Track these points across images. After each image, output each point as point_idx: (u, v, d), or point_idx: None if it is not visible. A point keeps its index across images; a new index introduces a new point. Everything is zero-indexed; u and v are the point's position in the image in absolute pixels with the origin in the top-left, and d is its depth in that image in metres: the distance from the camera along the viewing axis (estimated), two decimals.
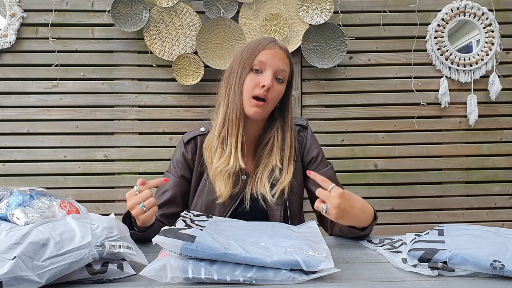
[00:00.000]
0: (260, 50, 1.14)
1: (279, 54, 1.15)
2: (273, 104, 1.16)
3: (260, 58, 1.13)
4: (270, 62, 1.13)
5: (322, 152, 1.27)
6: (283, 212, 1.18)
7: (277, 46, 1.16)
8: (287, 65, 1.16)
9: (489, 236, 0.88)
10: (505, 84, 2.19)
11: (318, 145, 1.27)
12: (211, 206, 1.17)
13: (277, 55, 1.14)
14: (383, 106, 2.21)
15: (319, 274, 0.75)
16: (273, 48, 1.15)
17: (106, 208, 2.15)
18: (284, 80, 1.16)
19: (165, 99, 2.17)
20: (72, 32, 2.15)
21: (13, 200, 0.86)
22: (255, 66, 1.14)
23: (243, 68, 1.15)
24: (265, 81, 1.11)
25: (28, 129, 2.15)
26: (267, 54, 1.14)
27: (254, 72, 1.14)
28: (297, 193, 1.22)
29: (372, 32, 2.20)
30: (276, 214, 1.17)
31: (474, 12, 2.17)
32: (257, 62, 1.13)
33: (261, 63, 1.13)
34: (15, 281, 0.67)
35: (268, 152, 1.19)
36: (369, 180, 2.21)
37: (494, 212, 2.24)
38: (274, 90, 1.14)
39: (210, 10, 2.11)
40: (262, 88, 1.11)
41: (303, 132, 1.27)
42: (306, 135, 1.26)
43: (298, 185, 1.22)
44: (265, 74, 1.13)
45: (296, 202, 1.22)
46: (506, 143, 2.23)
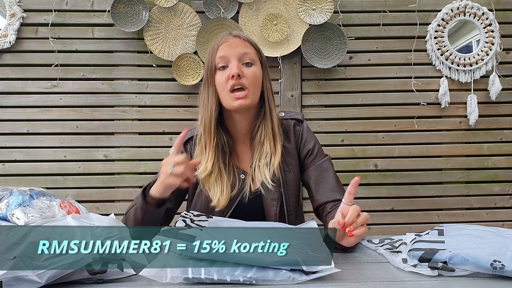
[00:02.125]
0: (217, 48, 1.15)
1: (235, 41, 1.15)
2: (254, 89, 1.15)
3: (219, 54, 1.14)
4: (230, 53, 1.13)
5: (318, 144, 1.26)
6: (279, 207, 1.17)
7: (231, 36, 1.16)
8: (249, 47, 1.16)
9: (489, 236, 0.88)
10: (505, 84, 2.19)
11: (314, 137, 1.27)
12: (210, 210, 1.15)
13: (233, 43, 1.15)
14: (383, 106, 2.21)
15: (319, 274, 0.75)
16: (228, 40, 1.15)
17: (106, 208, 2.15)
18: (253, 63, 1.15)
19: (165, 99, 2.17)
20: (72, 32, 2.15)
21: (13, 200, 0.86)
22: (219, 64, 1.14)
23: (209, 71, 1.15)
24: (232, 70, 1.11)
25: (28, 129, 2.15)
26: (224, 47, 1.14)
27: (221, 70, 1.14)
28: (292, 186, 1.21)
29: (372, 32, 2.20)
30: (272, 210, 1.17)
31: (474, 12, 2.17)
32: (218, 60, 1.14)
33: (223, 58, 1.14)
34: (15, 281, 0.67)
35: (259, 139, 1.18)
36: (369, 180, 2.21)
37: (494, 212, 2.24)
38: (247, 75, 1.13)
39: (210, 10, 2.11)
40: (232, 78, 1.11)
41: (299, 126, 1.26)
42: (301, 129, 1.25)
43: (294, 178, 1.21)
44: (230, 66, 1.13)
45: (292, 196, 1.21)
46: (506, 143, 2.23)
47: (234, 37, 1.16)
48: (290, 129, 1.24)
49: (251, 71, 1.14)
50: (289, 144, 1.23)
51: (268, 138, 1.17)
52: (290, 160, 1.21)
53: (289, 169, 1.20)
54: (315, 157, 1.23)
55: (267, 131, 1.17)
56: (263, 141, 1.17)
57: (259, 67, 1.17)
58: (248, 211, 1.15)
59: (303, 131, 1.25)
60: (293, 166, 1.22)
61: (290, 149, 1.22)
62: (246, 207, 1.16)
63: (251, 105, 1.15)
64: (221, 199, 1.13)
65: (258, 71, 1.16)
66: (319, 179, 1.21)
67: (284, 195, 1.18)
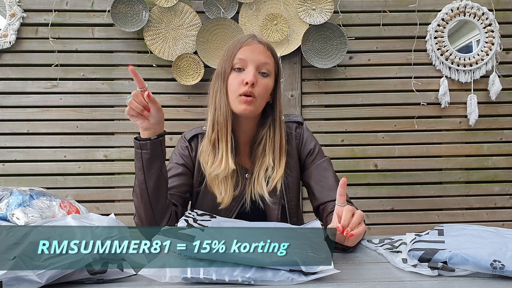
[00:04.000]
0: (239, 48, 1.13)
1: (259, 48, 1.13)
2: (262, 100, 1.14)
3: (239, 56, 1.12)
4: (251, 58, 1.11)
5: (318, 145, 1.27)
6: (280, 211, 1.18)
7: (256, 41, 1.14)
8: (269, 57, 1.14)
9: (489, 236, 0.88)
10: (505, 84, 2.18)
11: (314, 138, 1.27)
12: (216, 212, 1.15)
13: (256, 49, 1.13)
14: (383, 106, 2.21)
15: (318, 275, 0.75)
16: (252, 44, 1.13)
17: (106, 208, 2.15)
18: (269, 74, 1.14)
19: (165, 99, 2.17)
20: (72, 32, 2.15)
21: (13, 200, 0.86)
22: (236, 65, 1.12)
23: (225, 69, 1.14)
24: (248, 78, 1.09)
25: (28, 129, 2.15)
26: (246, 50, 1.12)
27: (236, 71, 1.13)
28: (294, 189, 1.22)
29: (372, 32, 2.20)
30: (274, 214, 1.17)
31: (474, 12, 2.17)
32: (237, 60, 1.12)
33: (242, 61, 1.12)
34: (15, 281, 0.67)
35: (261, 152, 1.18)
36: (369, 180, 2.21)
37: (494, 212, 2.24)
38: (260, 85, 1.12)
39: (210, 10, 2.11)
40: (246, 85, 1.09)
41: (300, 128, 1.26)
42: (302, 131, 1.26)
43: (294, 180, 1.22)
44: (247, 71, 1.11)
45: (293, 199, 1.22)
46: (506, 143, 2.23)
47: (259, 43, 1.14)
48: (291, 132, 1.25)
49: (264, 83, 1.13)
50: (290, 147, 1.23)
51: (272, 151, 1.17)
52: (291, 162, 1.22)
53: (290, 172, 1.21)
54: (316, 157, 1.24)
55: (271, 144, 1.17)
56: (266, 154, 1.17)
57: (273, 79, 1.17)
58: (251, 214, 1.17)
59: (303, 132, 1.26)
60: (294, 169, 1.23)
61: (291, 152, 1.23)
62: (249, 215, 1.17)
63: (255, 113, 1.15)
64: (225, 197, 1.13)
65: (270, 84, 1.15)
66: (319, 178, 1.22)
67: (286, 198, 1.19)
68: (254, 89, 1.10)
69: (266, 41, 1.17)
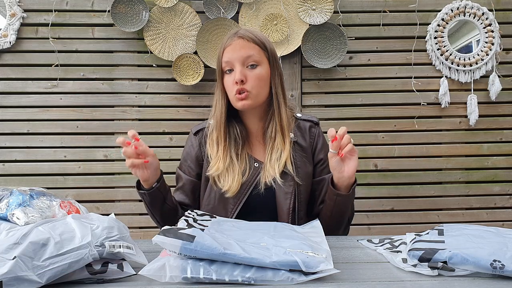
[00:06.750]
0: (222, 51, 1.18)
1: (239, 43, 1.16)
2: (259, 90, 1.17)
3: (224, 59, 1.17)
4: (234, 57, 1.16)
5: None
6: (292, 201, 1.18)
7: (236, 37, 1.17)
8: (253, 48, 1.16)
9: (489, 236, 0.88)
10: (505, 84, 2.19)
11: (326, 146, 1.28)
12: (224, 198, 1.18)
13: (237, 46, 1.16)
14: (383, 106, 2.21)
15: (318, 275, 0.75)
16: (232, 42, 1.17)
17: (106, 208, 2.15)
18: (258, 63, 1.17)
19: (165, 99, 2.17)
20: (72, 32, 2.15)
21: (13, 200, 0.85)
22: (225, 69, 1.18)
23: (219, 73, 1.21)
24: (236, 77, 1.14)
25: (28, 129, 2.15)
26: (229, 51, 1.17)
27: (228, 73, 1.18)
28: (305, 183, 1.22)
29: (372, 32, 2.20)
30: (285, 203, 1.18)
31: (474, 12, 2.17)
32: (224, 64, 1.18)
33: (228, 63, 1.17)
34: (15, 281, 0.67)
35: (271, 137, 1.21)
36: (369, 180, 2.21)
37: (494, 212, 2.24)
38: (251, 78, 1.15)
39: (210, 10, 2.11)
40: (236, 84, 1.14)
41: (315, 128, 1.29)
42: (317, 132, 1.28)
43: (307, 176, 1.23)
44: (235, 70, 1.16)
45: (304, 192, 1.22)
46: (506, 143, 2.23)
47: (238, 39, 1.16)
48: (306, 129, 1.27)
49: (254, 74, 1.16)
50: (304, 143, 1.25)
51: (279, 133, 1.20)
52: (304, 157, 1.24)
53: (302, 165, 1.22)
54: (324, 169, 1.27)
55: (277, 126, 1.20)
56: (275, 137, 1.21)
57: (265, 65, 1.19)
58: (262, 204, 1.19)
59: (318, 134, 1.28)
60: (307, 163, 1.24)
61: (305, 148, 1.25)
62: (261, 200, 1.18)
63: (255, 105, 1.18)
64: (232, 185, 1.16)
65: (263, 71, 1.18)
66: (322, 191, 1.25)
67: (297, 189, 1.20)
68: (245, 85, 1.15)
69: (247, 33, 1.19)
